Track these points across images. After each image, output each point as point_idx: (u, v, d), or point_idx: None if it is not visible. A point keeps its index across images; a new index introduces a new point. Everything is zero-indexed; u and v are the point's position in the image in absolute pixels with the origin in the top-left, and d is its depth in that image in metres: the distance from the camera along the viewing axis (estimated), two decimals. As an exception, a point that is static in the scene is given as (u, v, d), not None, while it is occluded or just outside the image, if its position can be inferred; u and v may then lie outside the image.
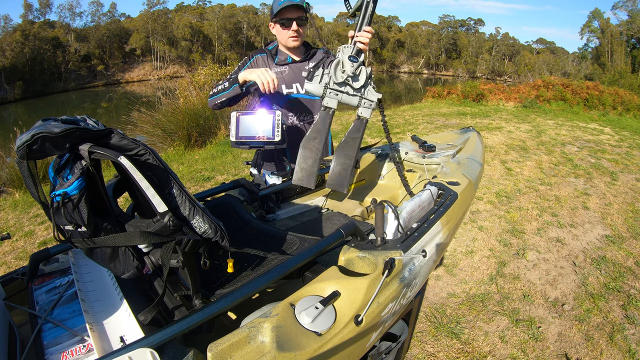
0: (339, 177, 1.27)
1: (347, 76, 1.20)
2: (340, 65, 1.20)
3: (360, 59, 1.20)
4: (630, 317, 2.08)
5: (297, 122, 1.76)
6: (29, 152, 0.57)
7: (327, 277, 0.83)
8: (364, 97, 1.25)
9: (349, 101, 1.25)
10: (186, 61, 38.22)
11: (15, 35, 28.58)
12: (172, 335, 0.64)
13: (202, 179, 4.13)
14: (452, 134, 2.17)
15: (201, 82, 7.20)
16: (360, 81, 1.22)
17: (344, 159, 1.27)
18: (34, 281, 0.91)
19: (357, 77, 1.21)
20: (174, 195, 0.70)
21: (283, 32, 1.61)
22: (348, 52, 1.20)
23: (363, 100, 1.25)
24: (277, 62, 1.69)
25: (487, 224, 3.12)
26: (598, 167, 4.68)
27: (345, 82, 1.21)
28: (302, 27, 1.61)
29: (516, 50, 45.47)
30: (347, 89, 1.23)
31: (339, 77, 1.20)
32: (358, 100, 1.25)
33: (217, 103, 1.60)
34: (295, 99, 1.72)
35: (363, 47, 1.22)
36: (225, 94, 1.56)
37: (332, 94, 1.23)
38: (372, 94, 1.25)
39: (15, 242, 2.90)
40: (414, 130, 6.45)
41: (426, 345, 1.85)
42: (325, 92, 1.22)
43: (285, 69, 1.69)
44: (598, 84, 11.02)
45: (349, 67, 1.19)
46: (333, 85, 1.22)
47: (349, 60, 1.19)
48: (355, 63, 1.18)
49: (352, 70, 1.19)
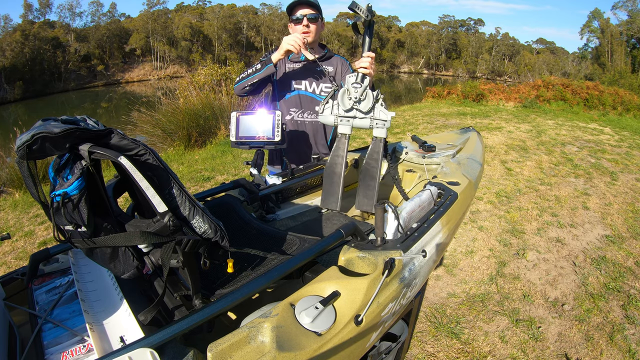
0: (367, 199, 1.38)
1: (353, 102, 1.30)
2: (346, 94, 1.30)
3: (365, 84, 1.29)
4: (630, 317, 2.08)
5: (299, 117, 1.81)
6: (29, 152, 0.57)
7: (327, 277, 0.83)
8: (375, 117, 1.33)
9: (361, 125, 1.34)
10: (186, 61, 38.21)
11: (15, 35, 28.57)
12: (172, 335, 0.64)
13: (202, 179, 4.12)
14: (452, 134, 2.17)
15: (201, 82, 7.20)
16: (367, 104, 1.30)
17: (369, 181, 1.37)
18: (34, 281, 0.91)
19: (362, 101, 1.31)
20: (174, 195, 0.70)
21: (295, 28, 1.68)
22: (352, 80, 1.30)
23: (375, 121, 1.33)
24: (291, 58, 1.75)
25: (487, 224, 3.12)
26: (598, 167, 4.68)
27: (354, 107, 1.31)
28: (314, 23, 1.66)
29: (516, 50, 45.47)
30: (356, 113, 1.33)
31: (347, 104, 1.31)
32: (370, 122, 1.33)
33: (247, 87, 1.65)
34: (301, 96, 1.78)
35: (366, 71, 1.31)
36: (257, 75, 1.61)
37: (343, 121, 1.34)
38: (384, 113, 1.33)
39: (15, 242, 2.90)
40: (414, 130, 6.45)
41: (426, 345, 1.85)
42: (337, 120, 1.33)
43: (298, 66, 1.76)
44: (598, 84, 11.02)
45: (354, 93, 1.29)
46: (342, 113, 1.32)
47: (353, 87, 1.29)
48: (359, 88, 1.28)
49: (357, 96, 1.29)
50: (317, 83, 1.77)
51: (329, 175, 1.38)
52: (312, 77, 1.77)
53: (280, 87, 1.79)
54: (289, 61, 1.76)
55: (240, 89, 1.67)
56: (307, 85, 1.77)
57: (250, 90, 1.67)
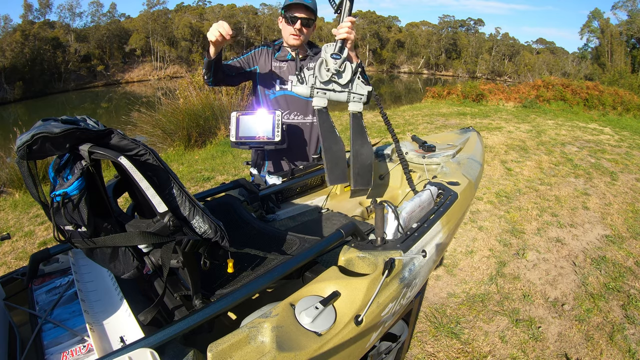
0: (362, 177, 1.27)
1: (331, 74, 1.19)
2: (324, 64, 1.20)
3: (344, 55, 1.19)
4: (630, 317, 2.08)
5: (288, 118, 1.74)
6: (29, 152, 0.57)
7: (327, 277, 0.83)
8: (352, 91, 1.24)
9: (338, 98, 1.25)
10: (186, 61, 38.20)
11: (15, 35, 28.56)
12: (172, 336, 0.64)
13: (202, 179, 4.12)
14: (452, 134, 2.17)
15: (201, 82, 7.18)
16: (346, 77, 1.21)
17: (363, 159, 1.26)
18: (34, 281, 0.91)
19: (342, 73, 1.21)
20: (174, 195, 0.70)
21: (286, 27, 1.61)
22: (330, 50, 1.20)
23: (352, 95, 1.24)
24: (277, 57, 1.69)
25: (487, 224, 3.12)
26: (598, 167, 4.68)
27: (331, 79, 1.21)
28: (306, 28, 1.61)
29: (516, 51, 45.46)
30: (334, 86, 1.23)
31: (324, 75, 1.20)
32: (347, 96, 1.24)
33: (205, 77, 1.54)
34: (287, 96, 1.71)
35: (346, 36, 1.19)
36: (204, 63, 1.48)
37: (319, 93, 1.23)
38: (361, 87, 1.25)
39: (15, 242, 2.90)
40: (414, 130, 6.45)
41: (426, 345, 1.85)
42: (312, 92, 1.23)
43: (284, 65, 1.69)
44: (598, 84, 11.02)
45: (332, 65, 1.19)
46: (319, 84, 1.22)
47: (332, 58, 1.19)
48: (338, 60, 1.18)
49: (336, 67, 1.19)
50: None
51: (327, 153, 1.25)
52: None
53: (265, 87, 1.71)
54: (274, 60, 1.68)
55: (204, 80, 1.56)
56: None
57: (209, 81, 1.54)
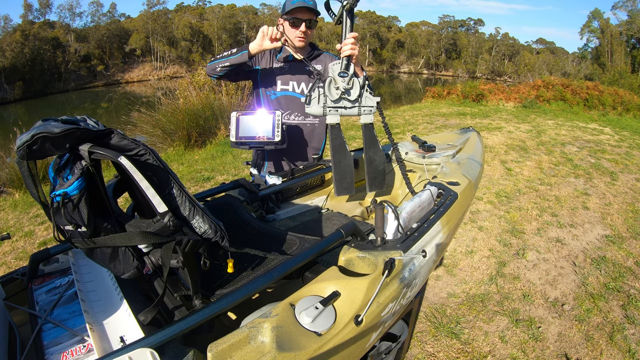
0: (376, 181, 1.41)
1: (341, 92, 1.28)
2: (333, 83, 1.28)
3: (350, 72, 1.27)
4: (630, 317, 2.08)
5: (288, 119, 1.74)
6: (29, 152, 0.57)
7: (327, 277, 0.83)
8: (362, 105, 1.33)
9: (349, 113, 1.34)
10: (186, 61, 38.18)
11: (15, 35, 28.56)
12: (172, 335, 0.64)
13: (202, 179, 4.12)
14: (452, 134, 2.17)
15: (201, 82, 7.18)
16: (355, 93, 1.30)
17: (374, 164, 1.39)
18: (34, 281, 0.91)
19: (350, 90, 1.29)
20: (174, 195, 0.70)
21: (291, 30, 1.60)
22: (337, 68, 1.27)
23: (362, 108, 1.34)
24: (279, 58, 1.69)
25: (487, 224, 3.12)
26: (598, 167, 4.68)
27: (341, 97, 1.29)
28: (310, 29, 1.62)
29: (516, 51, 45.47)
30: (344, 103, 1.31)
31: (334, 94, 1.29)
32: (357, 110, 1.34)
33: (218, 68, 1.54)
34: (288, 97, 1.72)
35: (351, 52, 1.26)
36: (231, 58, 1.52)
37: (331, 111, 1.32)
38: (370, 99, 1.33)
39: (15, 242, 2.90)
40: (414, 130, 6.45)
41: (426, 345, 1.85)
42: (325, 111, 1.31)
43: (286, 66, 1.69)
44: (598, 84, 11.02)
45: (341, 83, 1.27)
46: (330, 103, 1.30)
47: (340, 77, 1.27)
48: (345, 77, 1.27)
49: (345, 86, 1.27)
50: (306, 83, 1.69)
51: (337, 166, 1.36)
52: (300, 77, 1.69)
53: (266, 87, 1.71)
54: (276, 60, 1.68)
55: (211, 69, 1.57)
56: (295, 85, 1.69)
57: (221, 74, 1.56)
